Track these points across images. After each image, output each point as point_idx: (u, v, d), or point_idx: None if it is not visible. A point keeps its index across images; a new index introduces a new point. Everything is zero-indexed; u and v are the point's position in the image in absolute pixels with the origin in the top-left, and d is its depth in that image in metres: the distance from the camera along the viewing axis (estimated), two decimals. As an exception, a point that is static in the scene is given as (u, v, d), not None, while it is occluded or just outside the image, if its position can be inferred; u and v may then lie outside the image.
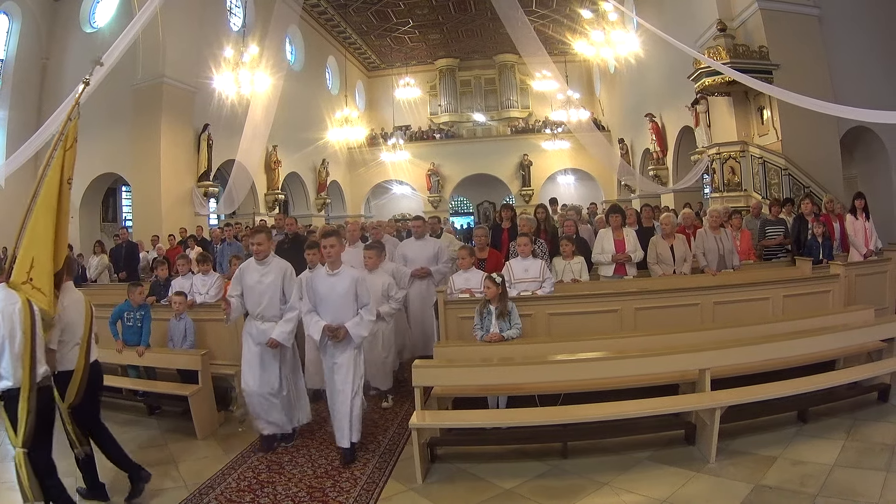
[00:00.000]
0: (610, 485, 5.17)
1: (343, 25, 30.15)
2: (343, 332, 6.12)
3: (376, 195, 35.76)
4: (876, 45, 16.00)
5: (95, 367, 5.31)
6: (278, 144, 24.00)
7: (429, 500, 5.17)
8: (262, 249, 6.55)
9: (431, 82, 36.11)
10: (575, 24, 23.75)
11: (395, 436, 6.73)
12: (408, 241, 10.10)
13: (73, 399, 4.99)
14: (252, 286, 6.54)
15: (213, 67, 17.44)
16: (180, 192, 19.06)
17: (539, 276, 7.93)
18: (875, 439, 5.52)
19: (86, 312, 5.27)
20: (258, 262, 6.59)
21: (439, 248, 9.63)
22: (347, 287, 6.26)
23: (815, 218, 10.74)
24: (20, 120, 19.08)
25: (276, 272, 6.53)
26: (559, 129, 31.26)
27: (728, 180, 15.74)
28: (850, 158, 16.70)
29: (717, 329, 7.05)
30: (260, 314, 6.50)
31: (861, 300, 8.38)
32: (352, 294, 6.26)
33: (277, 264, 6.60)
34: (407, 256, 9.49)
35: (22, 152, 12.70)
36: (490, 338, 6.73)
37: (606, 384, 6.19)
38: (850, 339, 6.58)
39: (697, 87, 16.55)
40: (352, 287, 6.27)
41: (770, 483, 4.90)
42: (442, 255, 9.55)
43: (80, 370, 5.04)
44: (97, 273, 14.71)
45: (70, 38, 20.38)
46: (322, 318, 6.25)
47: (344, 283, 6.27)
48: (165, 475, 5.72)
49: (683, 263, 9.49)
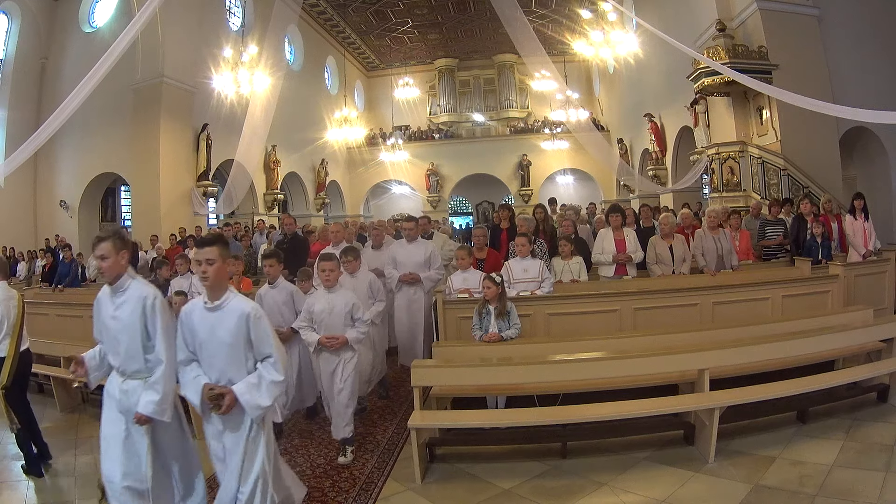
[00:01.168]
0: (609, 485, 5.16)
1: (342, 25, 30.15)
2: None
3: (375, 195, 35.76)
4: (875, 45, 16.02)
5: (26, 355, 6.08)
6: (277, 144, 24.02)
7: (427, 499, 5.17)
8: (107, 267, 4.28)
9: (430, 82, 36.12)
10: (574, 24, 23.78)
11: (393, 436, 6.72)
12: (399, 243, 9.59)
13: (4, 381, 5.74)
14: (105, 323, 4.37)
15: (212, 67, 17.44)
16: (179, 192, 19.07)
17: (538, 276, 7.91)
18: (874, 439, 5.52)
19: (18, 307, 6.01)
20: (109, 288, 4.39)
21: (431, 252, 9.22)
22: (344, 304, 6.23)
23: (814, 218, 10.74)
24: (19, 119, 19.12)
25: (132, 303, 4.29)
26: (558, 129, 31.28)
27: (727, 180, 15.75)
28: (849, 159, 16.72)
29: (717, 329, 7.04)
30: (120, 368, 4.35)
31: (860, 300, 8.39)
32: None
33: (137, 291, 4.32)
34: (397, 260, 9.14)
35: (21, 152, 12.67)
36: (489, 338, 6.72)
37: (605, 384, 6.18)
38: (849, 339, 6.58)
39: (696, 88, 16.56)
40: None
41: (769, 483, 4.90)
42: (434, 261, 9.18)
43: (10, 357, 5.79)
44: (97, 273, 14.67)
45: (69, 37, 20.41)
46: None
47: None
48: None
49: (682, 263, 9.48)
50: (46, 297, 11.68)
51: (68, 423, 7.61)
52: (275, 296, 7.04)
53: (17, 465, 6.12)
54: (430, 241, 9.93)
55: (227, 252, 4.34)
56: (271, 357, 4.16)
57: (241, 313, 4.12)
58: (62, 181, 20.60)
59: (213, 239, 4.26)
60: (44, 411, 7.91)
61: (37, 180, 20.63)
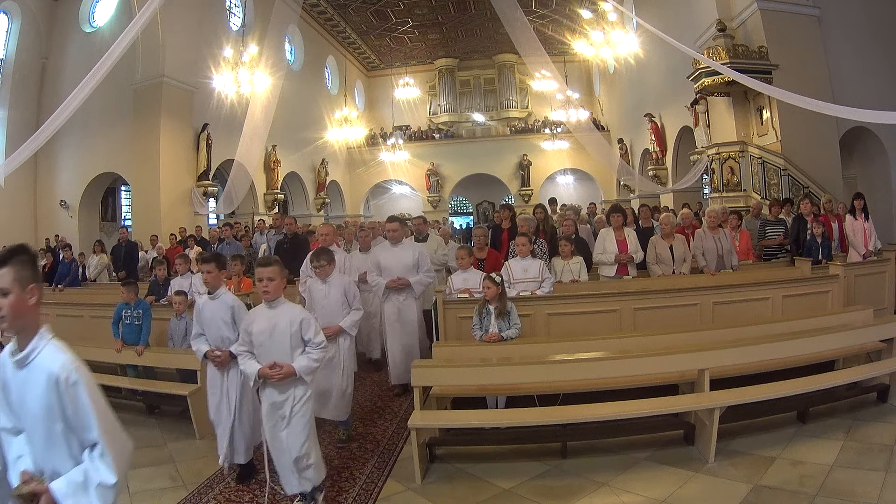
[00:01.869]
0: (609, 485, 5.16)
1: (342, 25, 30.15)
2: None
3: (375, 195, 35.76)
4: (875, 45, 16.01)
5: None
6: (277, 144, 24.02)
7: (427, 499, 5.17)
8: None
9: (431, 82, 36.15)
10: (574, 24, 23.81)
11: (393, 435, 6.72)
12: (382, 246, 8.81)
13: None
14: None
15: (212, 67, 17.44)
16: (179, 192, 19.07)
17: (538, 276, 7.91)
18: (874, 440, 5.52)
19: None
20: None
21: (419, 254, 8.36)
22: None
23: (815, 218, 10.75)
24: (19, 119, 19.10)
25: None
26: (558, 129, 31.27)
27: (727, 180, 15.75)
28: (849, 159, 16.72)
29: (717, 329, 7.05)
30: None
31: (860, 300, 8.39)
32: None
33: None
34: (381, 265, 8.34)
35: (21, 152, 12.69)
36: (489, 338, 6.73)
37: (605, 384, 6.18)
38: (850, 339, 6.58)
39: (697, 88, 16.56)
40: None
41: (769, 483, 4.90)
42: (423, 263, 8.34)
43: None
44: (97, 273, 14.73)
45: (69, 37, 20.39)
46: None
47: None
48: (165, 475, 5.71)
49: (683, 264, 9.49)
50: (46, 297, 11.55)
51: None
52: (214, 308, 5.77)
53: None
54: (417, 244, 9.01)
55: None
56: (97, 446, 2.70)
57: (49, 375, 2.68)
58: (62, 181, 20.58)
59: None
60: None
61: (37, 180, 20.60)
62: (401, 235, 8.52)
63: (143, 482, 5.61)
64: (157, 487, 5.48)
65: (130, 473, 5.50)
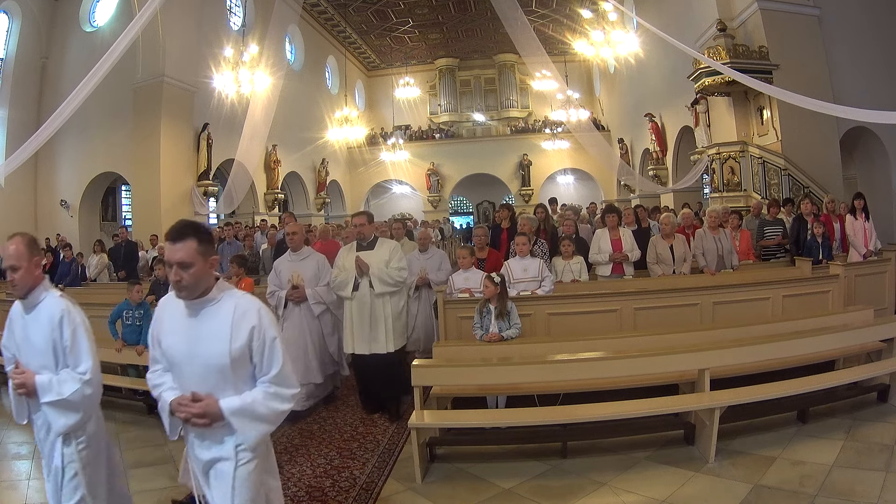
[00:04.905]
0: (609, 485, 5.17)
1: (343, 25, 30.17)
2: None
3: (376, 195, 35.79)
4: (875, 45, 16.02)
5: None
6: (278, 144, 24.05)
7: (428, 499, 5.17)
8: None
9: (431, 82, 36.20)
10: (575, 24, 23.81)
11: (394, 435, 6.72)
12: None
13: None
14: None
15: (212, 67, 17.47)
16: (180, 192, 19.06)
17: (538, 275, 7.92)
18: (874, 440, 5.52)
19: None
20: None
21: (318, 263, 7.85)
22: None
23: (815, 218, 10.75)
24: (20, 119, 19.12)
25: None
26: (559, 128, 31.33)
27: (728, 180, 15.75)
28: (849, 159, 16.74)
29: (717, 329, 7.05)
30: None
31: (860, 300, 8.39)
32: None
33: None
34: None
35: (21, 152, 12.68)
36: (489, 337, 6.74)
37: (606, 384, 6.19)
38: (850, 339, 6.57)
39: (697, 87, 16.57)
40: None
41: (769, 483, 4.91)
42: (323, 275, 7.75)
43: None
44: (96, 272, 14.71)
45: (70, 37, 20.41)
46: None
47: None
48: (164, 474, 5.70)
49: (683, 263, 9.51)
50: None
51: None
52: None
53: (17, 465, 6.14)
54: (319, 255, 8.12)
55: None
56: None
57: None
58: (63, 180, 20.60)
59: None
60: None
61: (37, 180, 20.62)
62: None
63: (143, 482, 5.59)
64: (158, 487, 5.47)
65: (130, 473, 5.57)
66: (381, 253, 7.34)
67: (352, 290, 7.23)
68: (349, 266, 7.26)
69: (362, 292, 7.22)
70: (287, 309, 7.67)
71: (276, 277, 7.85)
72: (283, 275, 7.76)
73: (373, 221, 7.81)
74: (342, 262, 7.42)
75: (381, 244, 7.46)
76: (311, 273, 7.73)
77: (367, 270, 7.15)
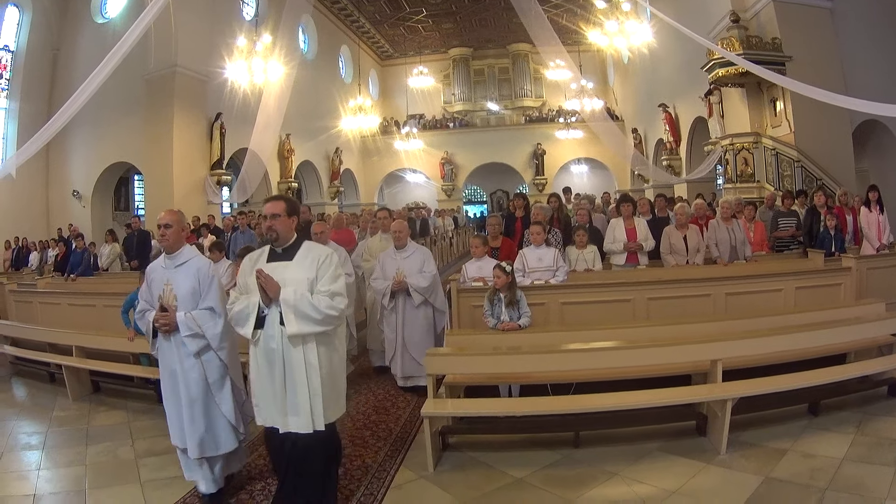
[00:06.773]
0: (621, 475, 5.18)
1: (356, 14, 30.17)
2: None
3: (389, 184, 35.89)
4: (887, 38, 15.95)
5: None
6: (291, 133, 24.16)
7: (440, 488, 5.20)
8: None
9: (445, 71, 36.19)
10: (589, 14, 23.62)
11: (406, 424, 6.76)
12: None
13: None
14: None
15: (225, 56, 17.51)
16: (193, 181, 19.20)
17: (552, 264, 7.94)
18: (884, 434, 5.50)
19: None
20: None
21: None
22: None
23: (828, 210, 10.71)
24: (31, 111, 19.32)
25: None
26: (573, 118, 31.28)
27: (741, 171, 15.73)
28: (861, 151, 16.66)
29: (729, 320, 7.04)
30: None
31: (873, 294, 8.31)
32: None
33: None
34: None
35: (33, 143, 12.75)
36: (505, 326, 6.77)
37: (618, 374, 6.19)
38: (862, 332, 6.54)
39: (711, 78, 16.54)
40: None
41: (780, 476, 4.90)
42: None
43: None
44: (109, 262, 14.77)
45: (81, 28, 20.54)
46: None
47: None
48: (176, 463, 5.67)
49: (696, 254, 9.50)
50: (59, 287, 11.70)
51: (80, 412, 7.60)
52: None
53: (27, 455, 6.22)
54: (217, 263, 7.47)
55: None
56: None
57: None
58: (74, 171, 20.77)
59: None
60: (56, 400, 8.06)
61: (49, 170, 20.81)
62: None
63: (154, 471, 5.68)
64: (170, 476, 5.49)
65: (141, 462, 5.69)
66: (305, 266, 4.60)
67: (253, 328, 4.50)
68: (252, 286, 4.57)
69: (269, 332, 4.48)
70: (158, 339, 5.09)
71: None
72: None
73: (297, 210, 4.90)
74: (243, 280, 4.78)
75: (309, 251, 4.69)
76: (304, 276, 4.65)
77: (275, 295, 4.42)
